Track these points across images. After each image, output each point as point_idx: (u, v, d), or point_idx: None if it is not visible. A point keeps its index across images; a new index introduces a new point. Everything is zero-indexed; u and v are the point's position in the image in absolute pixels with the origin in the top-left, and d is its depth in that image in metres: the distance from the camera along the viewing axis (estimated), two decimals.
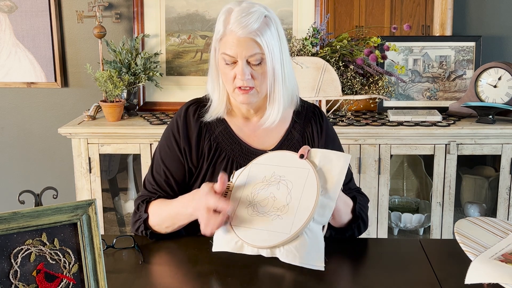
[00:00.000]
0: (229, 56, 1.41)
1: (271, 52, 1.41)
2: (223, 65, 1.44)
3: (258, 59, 1.41)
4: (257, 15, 1.39)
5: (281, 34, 1.45)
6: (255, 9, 1.40)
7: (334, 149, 1.48)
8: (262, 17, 1.40)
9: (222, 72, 1.46)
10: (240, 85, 1.43)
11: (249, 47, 1.39)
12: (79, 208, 0.96)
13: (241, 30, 1.38)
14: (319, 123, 1.58)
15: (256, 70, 1.42)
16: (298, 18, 2.59)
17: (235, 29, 1.38)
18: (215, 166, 1.52)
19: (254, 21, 1.38)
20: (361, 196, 1.55)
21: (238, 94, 1.45)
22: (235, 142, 1.53)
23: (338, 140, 1.63)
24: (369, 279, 1.24)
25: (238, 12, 1.40)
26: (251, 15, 1.38)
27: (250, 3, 1.43)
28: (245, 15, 1.38)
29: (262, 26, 1.40)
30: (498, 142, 2.35)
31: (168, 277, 1.29)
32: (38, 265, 0.94)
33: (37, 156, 2.89)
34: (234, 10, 1.41)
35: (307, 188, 1.28)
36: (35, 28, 2.73)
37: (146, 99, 2.65)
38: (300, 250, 1.23)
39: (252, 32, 1.38)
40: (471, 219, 1.31)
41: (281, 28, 1.46)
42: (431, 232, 2.44)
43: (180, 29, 2.64)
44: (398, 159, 2.77)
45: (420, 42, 2.60)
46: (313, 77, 2.39)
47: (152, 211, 1.47)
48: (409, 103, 2.62)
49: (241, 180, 1.36)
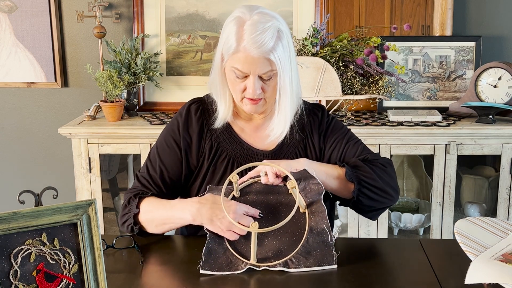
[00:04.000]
0: (241, 72, 1.40)
1: (283, 67, 1.40)
2: (233, 77, 1.42)
3: (270, 75, 1.41)
4: (272, 32, 1.36)
5: (290, 45, 1.43)
6: (269, 25, 1.37)
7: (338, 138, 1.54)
8: (276, 33, 1.37)
9: (231, 83, 1.45)
10: (250, 97, 1.42)
11: (263, 66, 1.38)
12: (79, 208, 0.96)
13: (256, 50, 1.35)
14: (319, 119, 1.58)
15: (267, 84, 1.42)
16: (298, 18, 2.59)
17: (250, 48, 1.36)
18: (215, 166, 1.51)
19: (269, 39, 1.36)
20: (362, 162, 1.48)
21: (246, 104, 1.45)
22: (236, 142, 1.53)
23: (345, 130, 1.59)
24: (369, 279, 1.24)
25: (252, 28, 1.36)
26: (266, 32, 1.35)
27: (261, 13, 1.39)
28: (260, 33, 1.35)
29: (276, 43, 1.37)
30: (498, 142, 2.35)
31: (168, 277, 1.29)
32: (38, 265, 0.94)
33: (37, 156, 2.89)
34: (247, 23, 1.37)
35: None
36: (35, 28, 2.73)
37: (146, 99, 2.65)
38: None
39: (267, 51, 1.36)
40: (471, 219, 1.31)
41: (291, 38, 1.45)
42: (431, 232, 2.44)
43: (180, 29, 2.64)
44: (398, 159, 2.77)
45: (420, 42, 2.60)
46: (313, 77, 2.39)
47: (144, 208, 1.45)
48: (409, 103, 2.62)
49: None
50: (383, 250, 1.43)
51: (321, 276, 1.25)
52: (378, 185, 1.45)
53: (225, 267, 1.28)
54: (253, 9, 1.40)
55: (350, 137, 1.58)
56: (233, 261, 1.29)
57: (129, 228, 1.46)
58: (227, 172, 1.50)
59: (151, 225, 1.45)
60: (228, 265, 1.29)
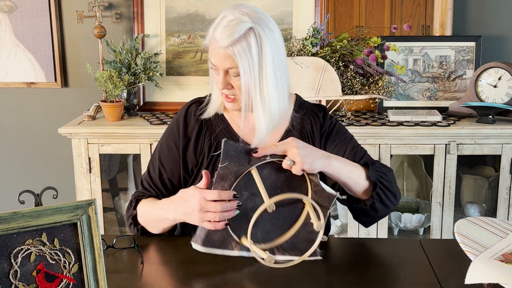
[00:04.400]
0: (211, 63, 1.42)
1: (244, 66, 1.35)
2: (210, 69, 1.45)
3: (236, 73, 1.38)
4: (240, 29, 1.33)
5: (265, 47, 1.36)
6: (242, 22, 1.34)
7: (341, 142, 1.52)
8: (244, 31, 1.34)
9: (211, 76, 1.47)
10: (224, 93, 1.44)
11: (225, 60, 1.37)
12: (79, 208, 0.96)
13: (218, 42, 1.35)
14: (320, 120, 1.56)
15: (234, 82, 1.41)
16: (298, 18, 2.59)
17: (215, 39, 1.36)
18: (215, 164, 1.52)
19: (232, 34, 1.33)
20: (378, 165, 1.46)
21: (224, 100, 1.47)
22: (235, 140, 1.53)
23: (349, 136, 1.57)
24: (369, 279, 1.24)
25: (225, 22, 1.35)
26: (235, 28, 1.33)
27: (244, 12, 1.36)
28: (228, 27, 1.33)
29: (239, 40, 1.34)
30: (498, 142, 2.35)
31: (168, 277, 1.29)
32: (38, 265, 0.94)
33: (37, 156, 2.89)
34: (226, 17, 1.37)
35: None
36: (35, 28, 2.73)
37: (146, 99, 2.65)
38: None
39: (225, 44, 1.34)
40: (471, 219, 1.31)
41: (271, 42, 1.37)
42: (431, 232, 2.44)
43: (180, 29, 2.64)
44: (398, 159, 2.77)
45: (420, 42, 2.60)
46: (313, 77, 2.39)
47: (140, 211, 1.49)
48: (409, 103, 2.62)
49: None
50: (383, 250, 1.43)
51: (321, 276, 1.25)
52: (392, 189, 1.44)
53: (217, 244, 1.29)
54: (241, 7, 1.39)
55: (355, 143, 1.56)
56: (226, 238, 1.30)
57: (134, 229, 1.51)
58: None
59: (149, 226, 1.49)
60: (222, 242, 1.30)
